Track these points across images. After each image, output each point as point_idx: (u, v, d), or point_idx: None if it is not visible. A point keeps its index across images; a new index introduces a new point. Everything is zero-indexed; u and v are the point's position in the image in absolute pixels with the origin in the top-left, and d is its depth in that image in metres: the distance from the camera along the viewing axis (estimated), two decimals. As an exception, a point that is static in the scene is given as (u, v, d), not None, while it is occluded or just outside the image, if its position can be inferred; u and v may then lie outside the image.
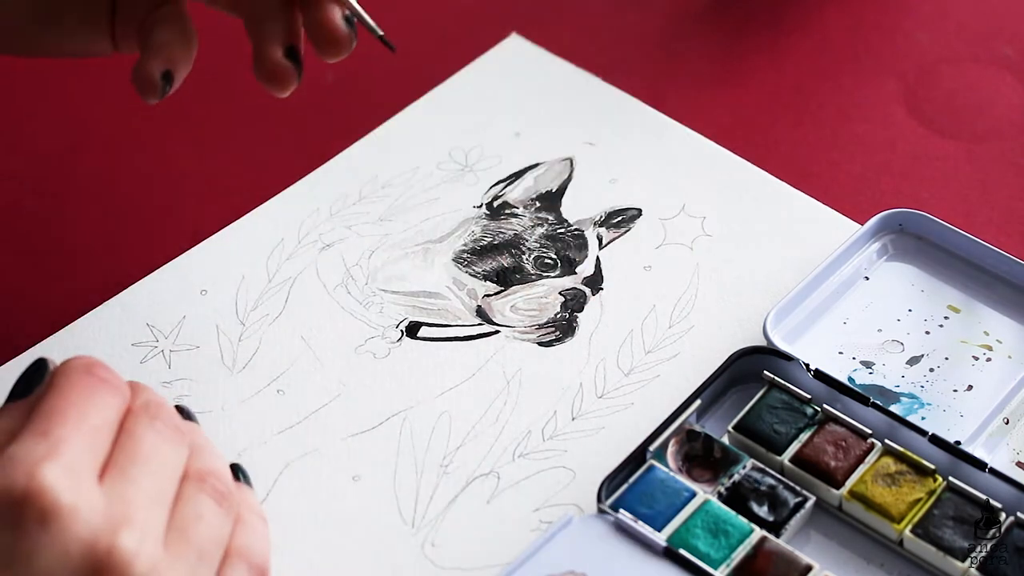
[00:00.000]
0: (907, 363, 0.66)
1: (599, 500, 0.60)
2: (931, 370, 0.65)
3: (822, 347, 0.66)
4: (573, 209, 0.74)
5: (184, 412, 0.58)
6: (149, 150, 0.78)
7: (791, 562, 0.58)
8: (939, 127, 0.77)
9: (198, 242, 0.72)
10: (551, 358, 0.67)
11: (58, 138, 0.79)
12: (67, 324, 0.67)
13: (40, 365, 0.53)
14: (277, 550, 0.59)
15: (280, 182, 0.75)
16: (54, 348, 0.67)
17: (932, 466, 0.61)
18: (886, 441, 0.62)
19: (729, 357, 0.65)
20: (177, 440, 0.52)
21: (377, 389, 0.66)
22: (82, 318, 0.68)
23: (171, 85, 0.61)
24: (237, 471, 0.57)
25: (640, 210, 0.74)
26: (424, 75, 0.80)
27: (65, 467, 0.48)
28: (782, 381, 0.64)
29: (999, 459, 0.62)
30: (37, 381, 0.52)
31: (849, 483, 0.61)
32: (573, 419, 0.65)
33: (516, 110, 0.78)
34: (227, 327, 0.68)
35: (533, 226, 0.73)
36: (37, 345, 0.67)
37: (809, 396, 0.63)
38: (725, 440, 0.63)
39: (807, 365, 0.64)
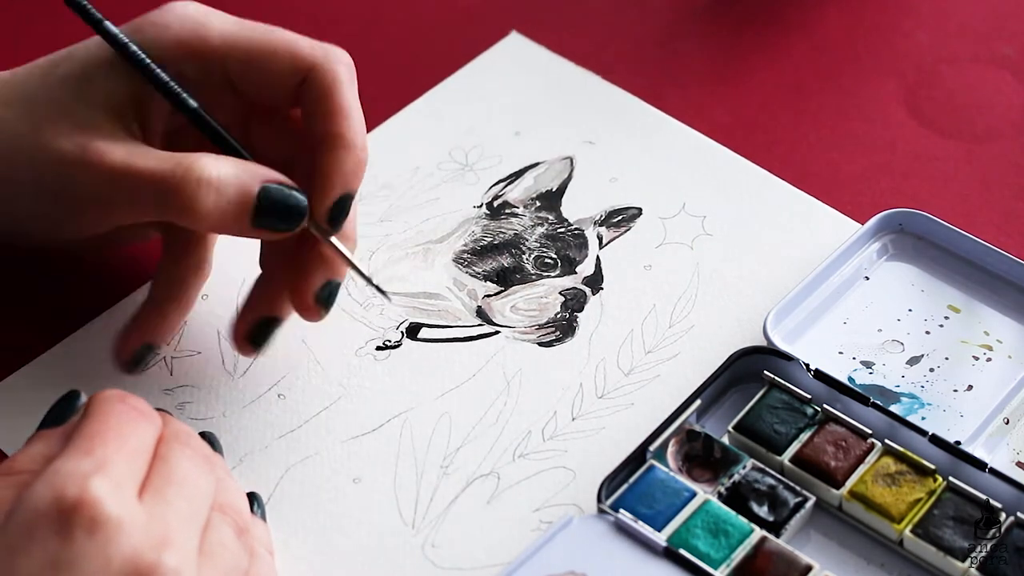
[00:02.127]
0: (907, 363, 0.66)
1: (599, 500, 0.60)
2: (931, 370, 0.65)
3: (822, 347, 0.66)
4: (573, 208, 0.74)
5: (209, 439, 0.60)
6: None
7: (791, 562, 0.59)
8: (939, 127, 0.77)
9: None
10: (551, 358, 0.67)
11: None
12: (71, 333, 0.67)
13: (72, 395, 0.56)
14: (279, 554, 0.60)
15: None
16: (61, 356, 0.67)
17: (932, 466, 0.61)
18: (886, 441, 0.62)
19: (729, 357, 0.65)
20: (207, 468, 0.54)
21: (377, 391, 0.66)
22: (86, 326, 0.68)
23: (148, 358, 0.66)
24: (253, 500, 0.59)
25: (640, 209, 0.74)
26: (423, 74, 0.80)
27: (111, 482, 0.50)
28: (782, 381, 0.64)
29: (999, 459, 0.62)
30: (70, 410, 0.55)
31: (849, 483, 0.61)
32: (573, 419, 0.65)
33: (516, 109, 0.78)
34: (228, 333, 0.68)
35: (533, 226, 0.73)
36: (45, 354, 0.67)
37: (809, 396, 0.63)
38: (725, 440, 0.63)
39: (807, 365, 0.64)
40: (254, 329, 0.65)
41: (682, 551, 0.59)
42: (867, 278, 0.69)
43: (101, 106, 0.62)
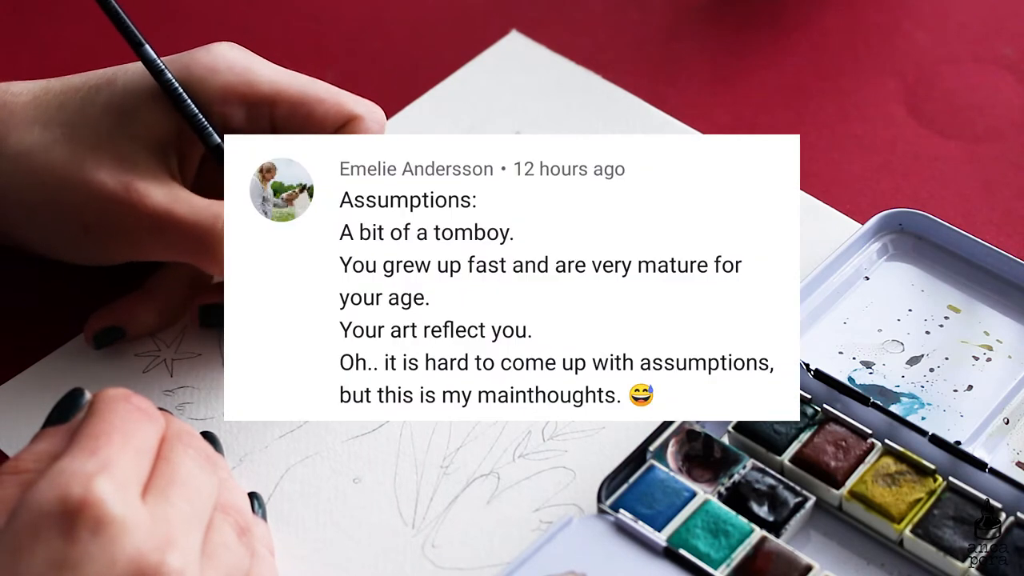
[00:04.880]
0: (907, 363, 0.66)
1: (599, 500, 0.60)
2: (931, 370, 0.65)
3: (822, 347, 0.66)
4: (573, 208, 0.73)
5: (210, 439, 0.61)
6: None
7: (791, 562, 0.59)
8: (939, 127, 0.77)
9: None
10: (551, 358, 0.67)
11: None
12: (75, 335, 0.67)
13: (76, 394, 0.56)
14: (279, 554, 0.60)
15: (280, 182, 0.75)
16: (62, 359, 0.67)
17: (932, 466, 0.61)
18: (886, 441, 0.62)
19: (729, 357, 0.65)
20: (210, 469, 0.55)
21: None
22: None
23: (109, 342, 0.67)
24: (254, 500, 0.60)
25: (640, 209, 0.73)
26: (423, 74, 0.80)
27: (116, 482, 0.50)
28: (782, 381, 0.64)
29: (999, 459, 0.62)
30: (74, 409, 0.55)
31: (849, 483, 0.61)
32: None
33: (516, 109, 0.78)
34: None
35: (533, 225, 0.73)
36: (46, 358, 0.67)
37: (809, 396, 0.63)
38: (725, 440, 0.63)
39: (807, 365, 0.64)
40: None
41: (682, 551, 0.59)
42: (867, 278, 0.69)
43: (143, 141, 0.63)
